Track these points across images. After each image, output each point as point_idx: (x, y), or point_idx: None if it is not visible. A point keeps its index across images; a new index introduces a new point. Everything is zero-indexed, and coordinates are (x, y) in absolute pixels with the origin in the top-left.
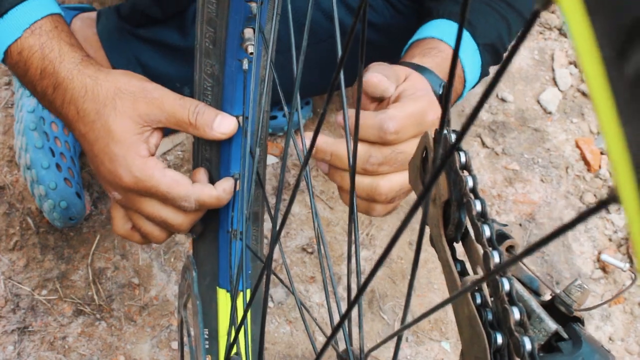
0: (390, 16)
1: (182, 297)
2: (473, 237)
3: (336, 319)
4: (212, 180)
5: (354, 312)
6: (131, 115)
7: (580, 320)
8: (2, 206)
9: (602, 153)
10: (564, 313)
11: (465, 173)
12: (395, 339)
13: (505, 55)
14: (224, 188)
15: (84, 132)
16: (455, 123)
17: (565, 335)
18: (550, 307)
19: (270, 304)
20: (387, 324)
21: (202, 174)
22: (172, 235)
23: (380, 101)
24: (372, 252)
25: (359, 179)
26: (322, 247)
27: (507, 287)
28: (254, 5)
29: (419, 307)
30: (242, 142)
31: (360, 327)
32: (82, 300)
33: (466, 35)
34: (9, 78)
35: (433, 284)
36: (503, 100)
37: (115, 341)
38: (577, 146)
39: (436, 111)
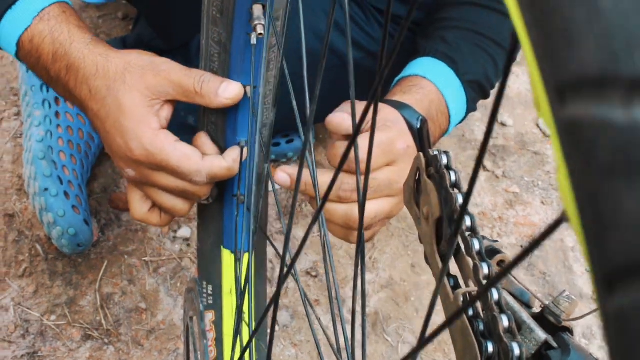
0: (390, 48)
1: (187, 313)
2: (464, 252)
3: (341, 341)
4: (217, 144)
5: (359, 334)
6: (140, 89)
7: (569, 330)
8: (12, 234)
9: None
10: (553, 323)
11: (456, 191)
12: None
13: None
14: (233, 158)
15: (96, 110)
16: (455, 147)
17: (554, 345)
18: (540, 318)
19: (275, 327)
20: (391, 346)
21: (205, 138)
22: (194, 204)
23: None
24: (375, 275)
25: (334, 207)
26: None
27: (496, 297)
28: None
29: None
30: (250, 114)
31: (363, 350)
32: (91, 325)
33: (449, 72)
34: (18, 109)
35: (436, 306)
36: (503, 124)
37: None
38: None
39: (406, 140)
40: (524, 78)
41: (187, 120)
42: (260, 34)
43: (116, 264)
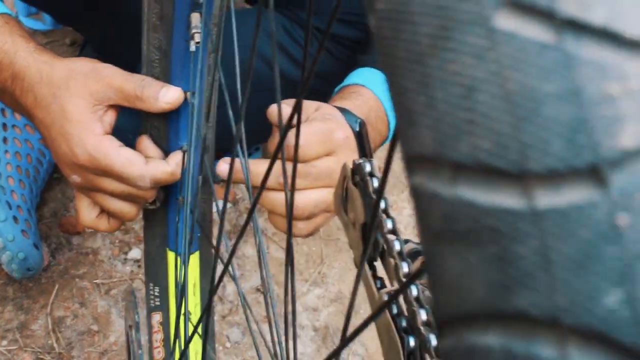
0: (330, 65)
1: (127, 321)
2: (387, 254)
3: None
4: (161, 148)
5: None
6: (83, 95)
7: None
8: None
9: None
10: None
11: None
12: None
13: None
14: (176, 162)
15: (41, 117)
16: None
17: None
18: None
19: (227, 343)
20: (342, 359)
21: (148, 143)
22: (141, 208)
23: None
24: (324, 289)
25: (275, 195)
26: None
27: (415, 293)
28: None
29: (371, 340)
30: (190, 119)
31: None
32: (42, 349)
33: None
34: None
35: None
36: None
37: None
38: None
39: (344, 131)
40: None
41: (134, 143)
42: (198, 42)
43: (67, 287)
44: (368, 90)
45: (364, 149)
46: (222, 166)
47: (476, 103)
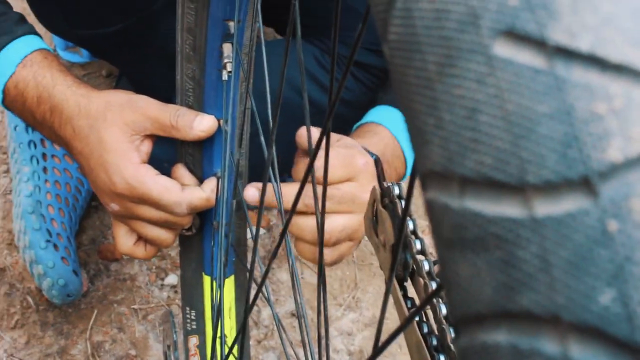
0: (359, 93)
1: (165, 342)
2: (417, 274)
3: None
4: (195, 175)
5: None
6: (120, 125)
7: None
8: (3, 287)
9: None
10: None
11: (407, 218)
12: None
13: None
14: (210, 188)
15: (79, 148)
16: None
17: None
18: None
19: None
20: None
21: (183, 170)
22: (178, 234)
23: None
24: (358, 314)
25: (303, 221)
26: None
27: (444, 311)
28: (231, 24)
29: None
30: (223, 145)
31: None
32: None
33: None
34: (7, 166)
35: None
36: None
37: None
38: None
39: (365, 157)
40: None
41: (169, 171)
42: (230, 71)
43: (106, 312)
44: (384, 129)
45: (380, 183)
46: (250, 191)
47: (479, 123)
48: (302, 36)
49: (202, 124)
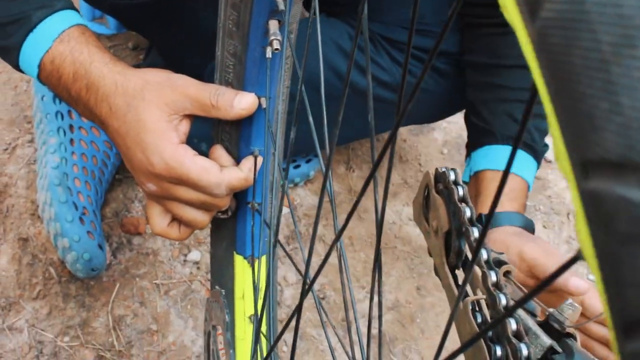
0: (396, 73)
1: (209, 322)
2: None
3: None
4: (231, 154)
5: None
6: (158, 104)
7: (572, 336)
8: (26, 257)
9: None
10: (557, 330)
11: (463, 205)
12: None
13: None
14: (248, 168)
15: (116, 126)
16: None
17: (559, 349)
18: (545, 325)
19: (284, 348)
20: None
21: (221, 151)
22: (213, 215)
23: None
24: (381, 297)
25: None
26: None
27: (504, 301)
28: (280, 0)
29: (427, 349)
30: (265, 122)
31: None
32: (103, 347)
33: (530, 160)
34: (31, 136)
35: (441, 327)
36: None
37: None
38: None
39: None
40: None
41: (200, 147)
42: (277, 49)
43: (128, 286)
44: (520, 180)
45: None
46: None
47: None
48: (337, 15)
49: (242, 102)
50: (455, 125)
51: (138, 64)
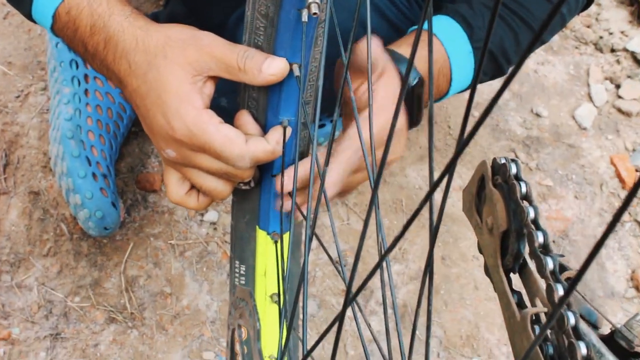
0: (414, 15)
1: (235, 318)
2: (532, 269)
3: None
4: (258, 122)
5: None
6: (182, 64)
7: None
8: (37, 212)
9: (637, 170)
10: (624, 348)
11: (526, 203)
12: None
13: (510, 68)
14: (276, 140)
15: (135, 86)
16: (489, 136)
17: None
18: (610, 341)
19: (300, 315)
20: (419, 339)
21: (247, 117)
22: (235, 186)
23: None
24: (404, 266)
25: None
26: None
27: (572, 321)
28: None
29: (450, 322)
30: (300, 94)
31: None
32: (115, 308)
33: (462, 35)
34: (45, 84)
35: (465, 300)
36: (538, 115)
37: (147, 350)
38: (612, 163)
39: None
40: (560, 67)
41: (219, 102)
42: (315, 13)
43: (142, 246)
44: (438, 42)
45: (412, 108)
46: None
47: None
48: None
49: (271, 67)
50: (487, 87)
51: (157, 11)
